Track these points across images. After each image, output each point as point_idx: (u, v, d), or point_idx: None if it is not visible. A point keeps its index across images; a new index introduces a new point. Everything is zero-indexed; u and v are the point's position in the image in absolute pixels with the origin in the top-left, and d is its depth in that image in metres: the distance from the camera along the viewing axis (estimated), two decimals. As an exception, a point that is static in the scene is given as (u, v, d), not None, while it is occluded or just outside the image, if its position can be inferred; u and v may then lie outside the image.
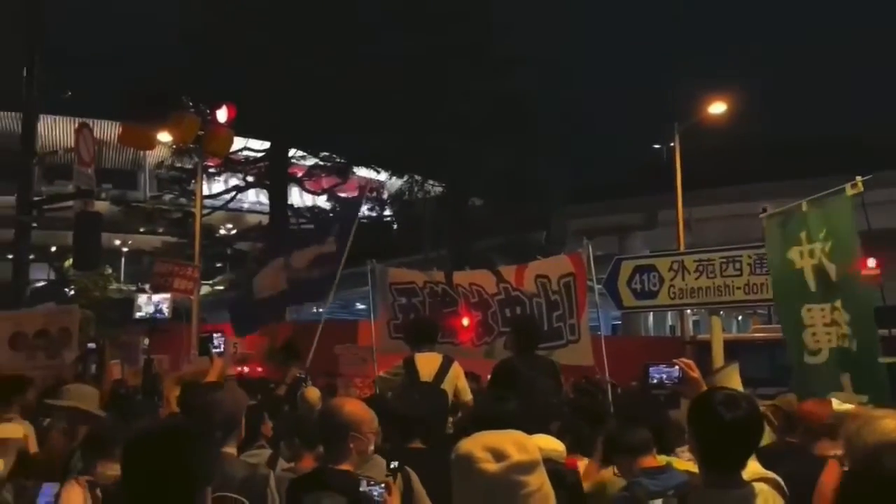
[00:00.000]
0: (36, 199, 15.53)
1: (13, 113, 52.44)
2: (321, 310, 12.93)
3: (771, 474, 2.74)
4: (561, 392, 6.00)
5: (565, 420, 4.93)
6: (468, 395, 6.15)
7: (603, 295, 8.12)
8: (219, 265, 44.87)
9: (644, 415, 3.75)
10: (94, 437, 2.80)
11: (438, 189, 31.12)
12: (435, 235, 28.08)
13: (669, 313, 27.90)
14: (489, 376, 6.18)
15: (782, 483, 2.73)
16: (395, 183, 34.53)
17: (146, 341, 15.84)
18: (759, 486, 2.44)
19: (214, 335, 8.37)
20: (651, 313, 27.73)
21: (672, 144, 21.04)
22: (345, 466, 3.10)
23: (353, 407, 3.28)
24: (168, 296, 9.70)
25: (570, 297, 7.65)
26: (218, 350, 7.67)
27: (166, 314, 9.38)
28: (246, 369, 13.07)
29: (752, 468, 2.58)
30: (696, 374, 3.21)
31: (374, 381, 7.26)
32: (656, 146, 25.10)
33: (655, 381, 6.78)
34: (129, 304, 10.66)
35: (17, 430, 2.80)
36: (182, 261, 11.05)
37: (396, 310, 9.05)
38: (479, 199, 30.68)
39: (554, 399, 5.73)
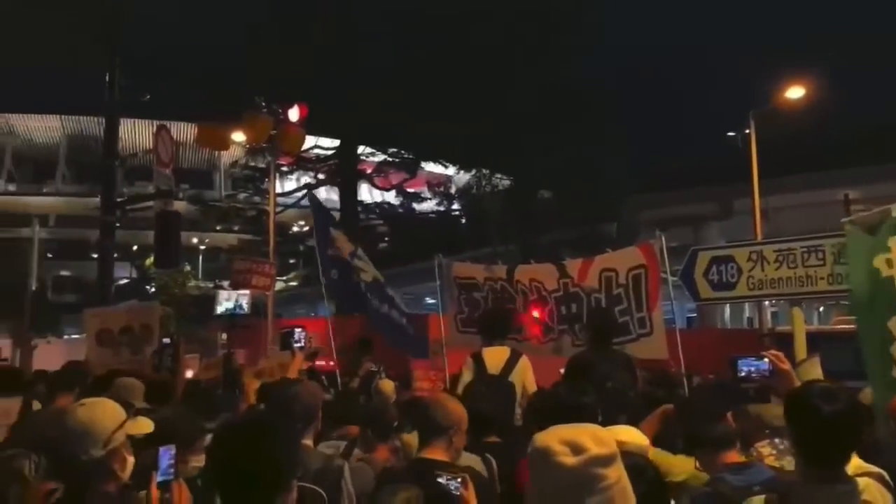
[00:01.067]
0: (119, 199, 16.11)
1: (96, 118, 55.16)
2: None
3: (875, 468, 2.67)
4: (636, 386, 5.88)
5: (639, 413, 4.82)
6: (533, 388, 6.14)
7: (678, 287, 7.92)
8: (292, 261, 45.84)
9: (718, 408, 3.58)
10: (158, 431, 2.89)
11: (506, 182, 31.00)
12: (503, 229, 27.98)
13: (747, 305, 27.03)
14: (562, 371, 6.12)
15: (887, 476, 2.65)
16: (463, 177, 34.60)
17: (224, 336, 16.28)
18: (863, 480, 2.38)
19: (296, 330, 8.51)
20: (728, 305, 26.91)
21: (747, 132, 20.43)
22: (443, 459, 3.20)
23: (455, 404, 3.39)
24: (247, 292, 9.90)
25: (638, 291, 7.51)
26: (299, 345, 7.80)
27: (245, 310, 9.61)
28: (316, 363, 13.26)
29: (855, 462, 2.52)
30: (786, 366, 3.15)
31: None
32: (731, 133, 24.38)
33: (744, 374, 6.53)
34: (208, 300, 10.95)
35: (148, 425, 2.95)
36: (259, 258, 11.29)
37: (462, 304, 9.11)
38: (548, 192, 30.41)
39: (630, 392, 5.65)
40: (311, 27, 25.43)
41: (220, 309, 9.59)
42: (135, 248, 51.50)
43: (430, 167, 35.03)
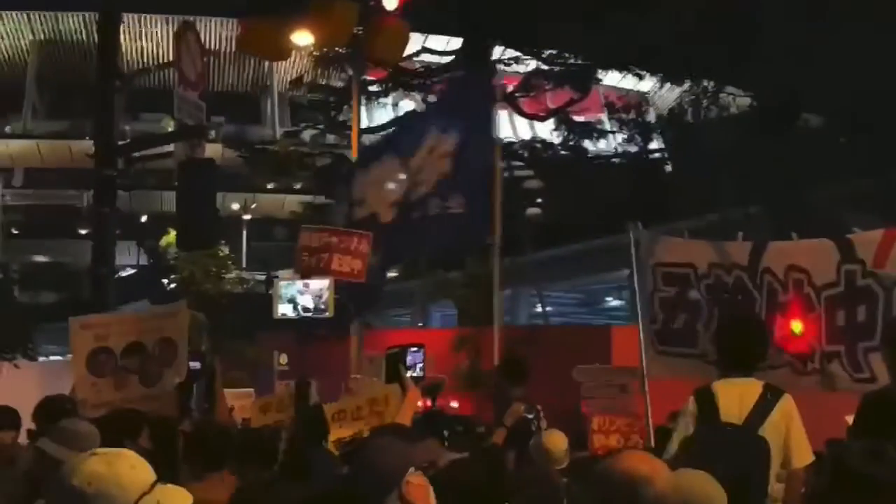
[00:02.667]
0: (121, 143, 16.43)
1: (83, 14, 57.58)
2: (541, 307, 13.12)
3: None
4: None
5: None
6: (805, 451, 6.10)
7: None
8: (362, 231, 46.65)
9: None
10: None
11: (745, 102, 30.28)
12: (740, 179, 27.33)
13: None
14: (849, 419, 6.09)
15: None
16: (668, 96, 34.04)
17: (283, 358, 16.79)
18: None
19: (411, 349, 8.55)
20: None
21: None
22: None
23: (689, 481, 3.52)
24: (324, 283, 10.10)
25: None
26: (416, 374, 7.91)
27: (326, 311, 9.80)
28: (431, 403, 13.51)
29: None
30: None
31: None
32: None
33: None
34: (258, 300, 11.25)
35: (185, 497, 3.17)
36: (342, 229, 11.54)
37: (657, 306, 9.03)
38: (817, 117, 29.46)
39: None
40: None
41: (280, 312, 9.80)
42: (144, 218, 53.68)
43: (612, 79, 34.74)
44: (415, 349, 8.24)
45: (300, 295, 11.11)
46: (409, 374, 7.30)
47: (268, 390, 15.47)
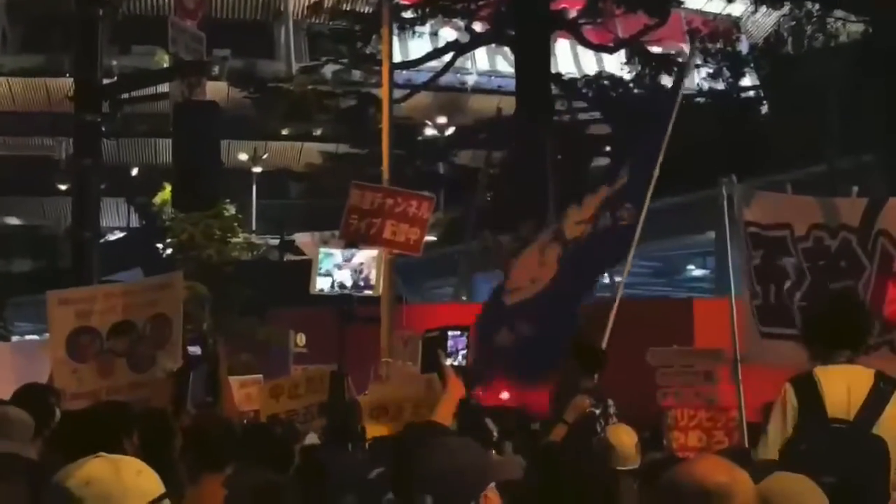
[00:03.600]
0: (106, 82, 16.62)
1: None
2: (617, 278, 13.18)
3: None
4: None
5: None
6: None
7: None
8: (424, 194, 46.78)
9: None
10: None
11: (856, 29, 29.99)
12: (850, 123, 27.16)
13: None
14: None
15: None
16: (764, 21, 33.80)
17: (301, 338, 16.75)
18: None
19: (452, 333, 8.61)
20: None
21: None
22: None
23: None
24: (371, 256, 10.26)
25: None
26: (457, 361, 7.97)
27: (373, 286, 9.82)
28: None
29: None
30: None
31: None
32: None
33: None
34: (269, 268, 11.25)
35: None
36: (400, 189, 11.51)
37: (753, 277, 9.02)
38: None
39: None
40: None
41: (318, 287, 9.80)
42: (135, 171, 53.97)
43: (696, 1, 34.50)
44: (456, 332, 8.26)
45: (337, 269, 11.12)
46: (449, 361, 7.30)
47: (281, 375, 15.63)
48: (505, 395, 14.24)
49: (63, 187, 49.04)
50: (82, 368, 9.94)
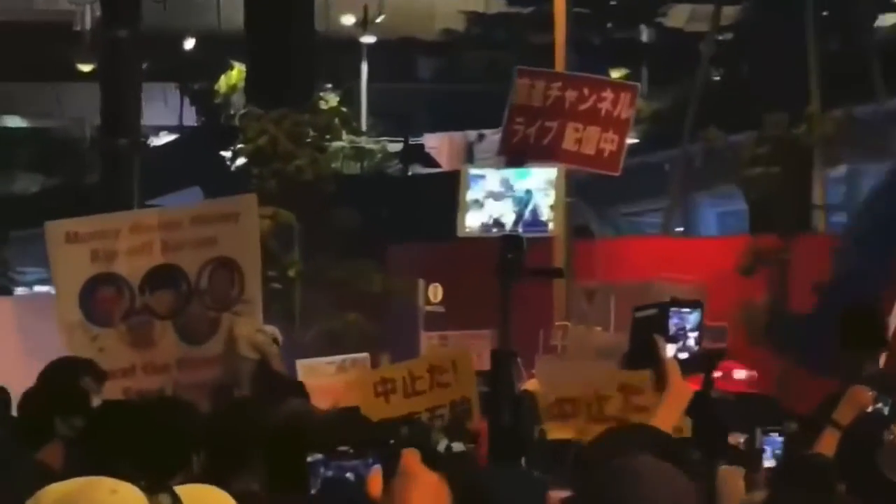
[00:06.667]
0: None
1: None
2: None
3: None
4: None
5: None
6: None
7: None
8: (626, 82, 46.16)
9: None
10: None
11: None
12: None
13: None
14: None
15: None
16: None
17: (437, 290, 16.30)
18: None
19: (677, 311, 8.04)
20: None
21: None
22: None
23: None
24: (549, 177, 10.11)
25: None
26: (685, 353, 7.36)
27: (546, 224, 10.01)
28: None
29: None
30: None
31: None
32: None
33: None
34: (388, 185, 10.77)
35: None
36: (589, 76, 12.05)
37: None
38: None
39: None
40: None
41: (467, 227, 10.23)
42: (189, 44, 53.56)
43: None
44: (685, 309, 7.63)
45: (493, 200, 10.66)
46: (672, 350, 6.61)
47: (406, 346, 15.55)
48: (740, 375, 13.74)
49: (87, 69, 48.50)
50: (105, 335, 9.65)
